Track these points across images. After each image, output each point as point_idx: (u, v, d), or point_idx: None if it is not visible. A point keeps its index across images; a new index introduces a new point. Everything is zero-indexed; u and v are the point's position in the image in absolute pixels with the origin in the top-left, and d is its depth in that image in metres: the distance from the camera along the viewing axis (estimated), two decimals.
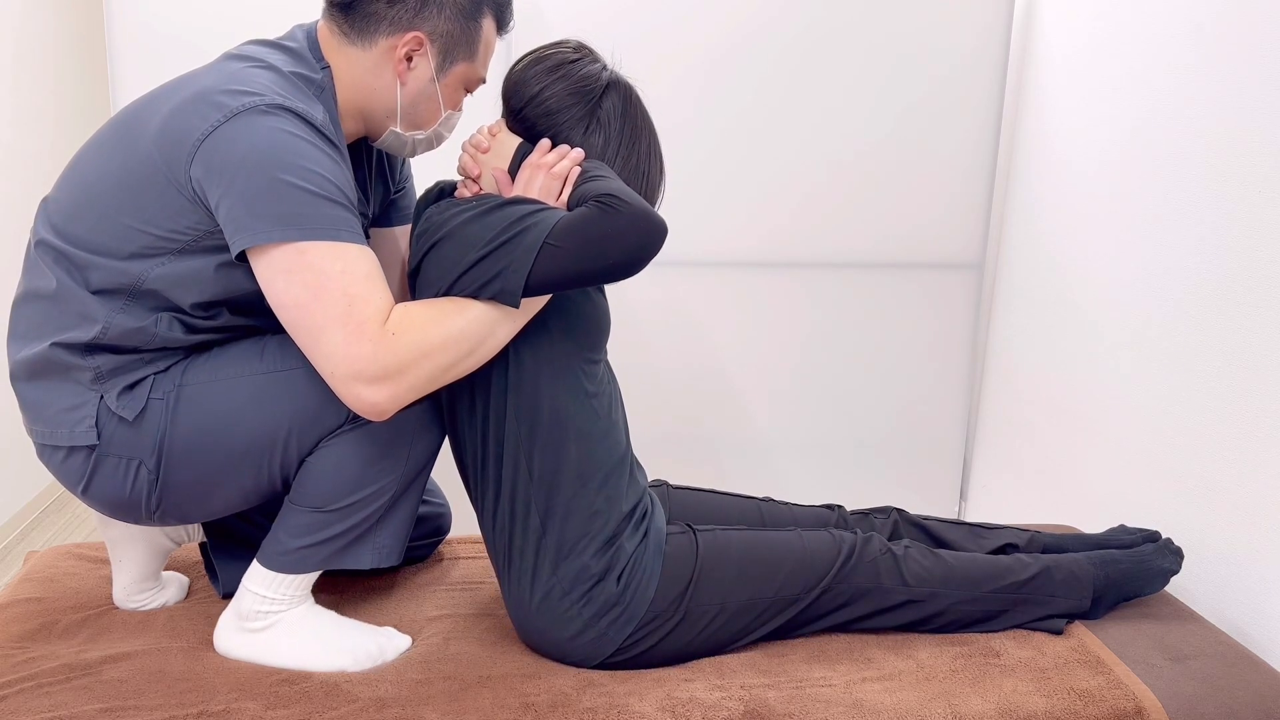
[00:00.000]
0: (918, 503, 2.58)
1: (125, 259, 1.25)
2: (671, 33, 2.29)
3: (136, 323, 1.27)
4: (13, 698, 1.25)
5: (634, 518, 1.39)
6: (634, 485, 1.41)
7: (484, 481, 1.39)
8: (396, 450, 1.33)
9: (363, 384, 1.18)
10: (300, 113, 1.22)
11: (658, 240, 1.24)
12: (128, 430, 1.28)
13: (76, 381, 1.28)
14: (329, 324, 1.18)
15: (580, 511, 1.35)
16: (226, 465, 1.30)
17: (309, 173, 1.19)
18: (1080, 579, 1.52)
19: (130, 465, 1.29)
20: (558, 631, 1.35)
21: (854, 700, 1.31)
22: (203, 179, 1.20)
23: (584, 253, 1.22)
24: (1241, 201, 1.67)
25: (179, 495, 1.32)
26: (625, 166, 1.41)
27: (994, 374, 2.52)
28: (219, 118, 1.19)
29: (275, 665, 1.35)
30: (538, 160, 1.35)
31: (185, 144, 1.20)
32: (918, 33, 2.34)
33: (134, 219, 1.24)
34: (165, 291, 1.27)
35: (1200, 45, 1.77)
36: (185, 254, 1.25)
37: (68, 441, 1.28)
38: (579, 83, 1.38)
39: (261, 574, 1.36)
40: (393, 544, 1.39)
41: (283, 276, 1.19)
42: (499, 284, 1.23)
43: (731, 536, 1.44)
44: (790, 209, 2.41)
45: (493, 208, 1.28)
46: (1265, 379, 1.61)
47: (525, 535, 1.36)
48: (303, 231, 1.18)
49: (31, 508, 3.08)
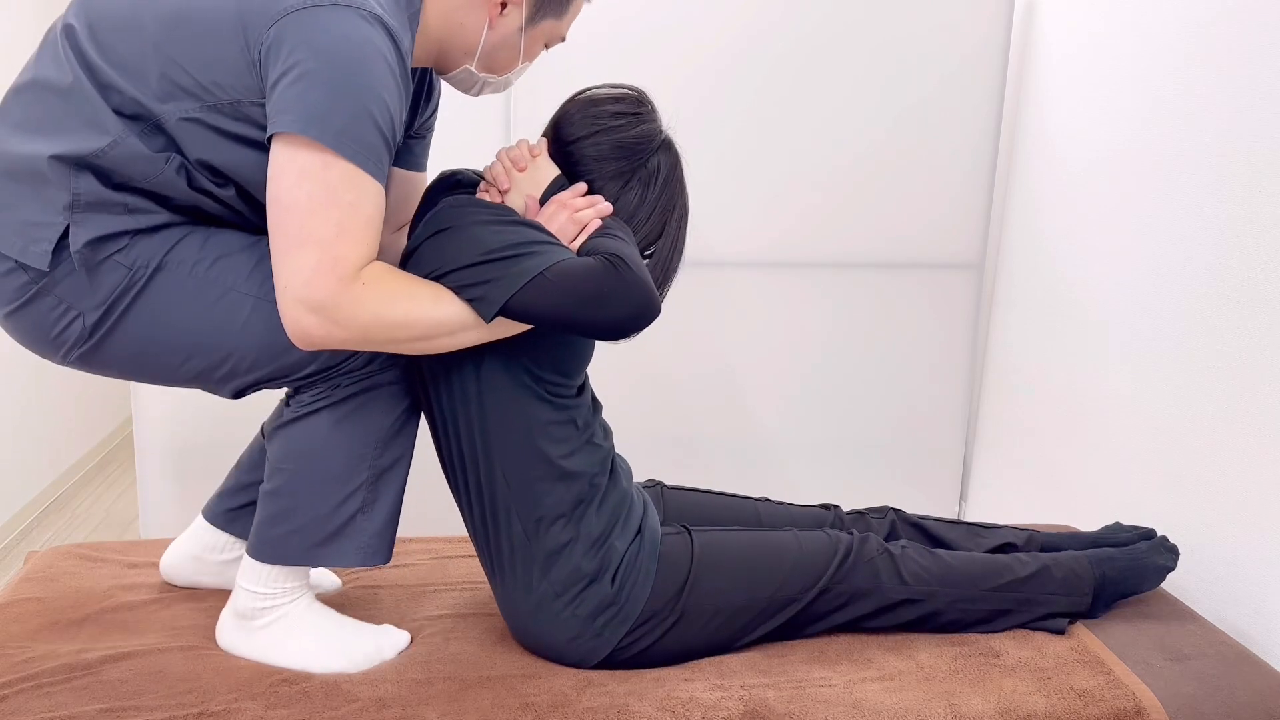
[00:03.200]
0: (918, 503, 2.57)
1: (153, 95, 1.19)
2: (672, 36, 2.29)
3: (148, 151, 1.21)
4: (13, 698, 1.24)
5: (623, 517, 1.39)
6: (618, 486, 1.41)
7: (465, 487, 1.39)
8: (366, 431, 1.32)
9: (306, 309, 1.16)
10: (392, 32, 1.18)
11: (647, 318, 1.23)
12: (80, 279, 1.22)
13: (48, 201, 1.20)
14: (309, 243, 1.15)
15: (562, 515, 1.35)
16: (167, 357, 1.27)
17: (375, 95, 1.16)
18: (1080, 577, 1.52)
19: (68, 312, 1.24)
20: (554, 635, 1.35)
21: (854, 700, 1.31)
22: (273, 49, 1.14)
23: (572, 299, 1.20)
24: (1241, 201, 1.67)
25: (104, 359, 1.28)
26: (651, 231, 1.40)
27: (994, 374, 2.52)
28: (318, 0, 1.14)
29: (275, 664, 1.35)
30: (568, 199, 1.35)
31: (272, 8, 1.15)
32: (918, 33, 2.34)
33: (181, 55, 1.17)
34: (179, 138, 1.21)
35: (1200, 45, 1.77)
36: (215, 111, 1.20)
37: (17, 255, 1.20)
38: (635, 139, 1.38)
39: (251, 568, 1.35)
40: (377, 543, 1.36)
41: (295, 175, 1.15)
42: (480, 291, 1.22)
43: (728, 537, 1.44)
44: (790, 209, 2.41)
45: (511, 222, 1.28)
46: (1265, 379, 1.61)
47: (510, 541, 1.35)
48: (340, 144, 1.14)
49: (31, 508, 3.09)
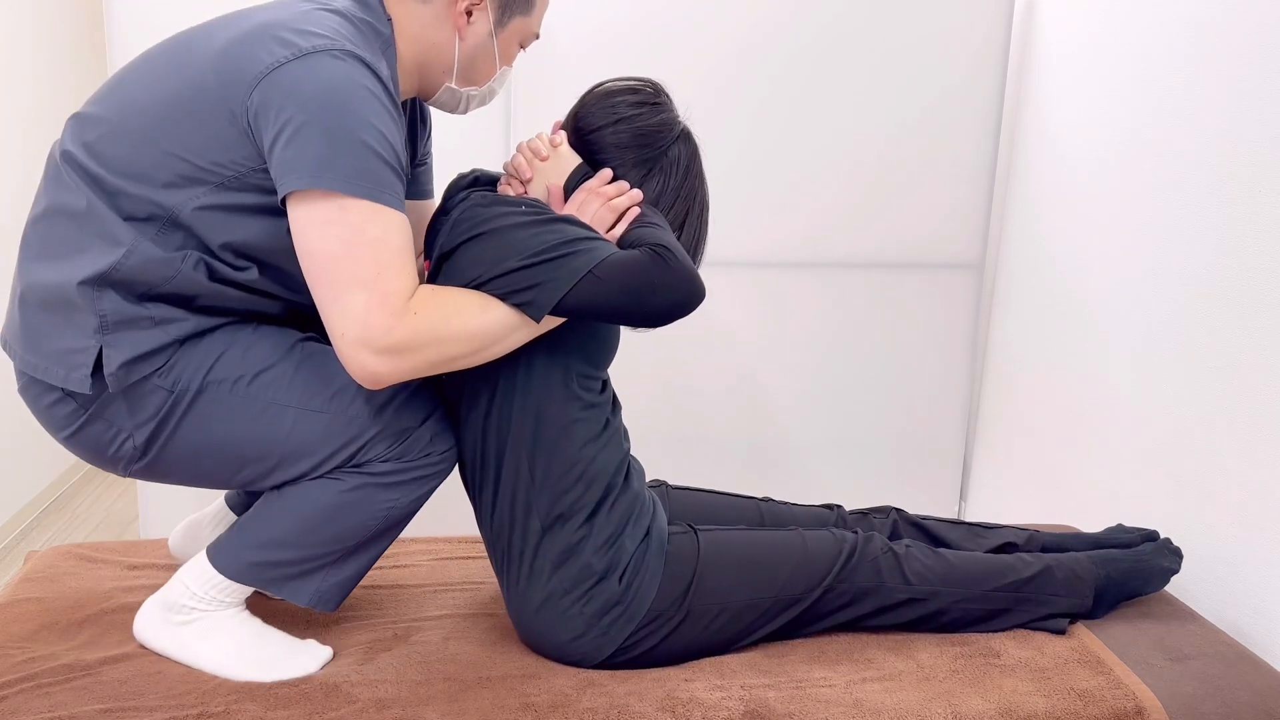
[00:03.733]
0: (918, 502, 2.57)
1: (161, 187, 1.20)
2: (673, 38, 2.29)
3: (162, 253, 1.22)
4: (13, 698, 1.24)
5: (634, 517, 1.39)
6: (631, 487, 1.41)
7: (484, 482, 1.39)
8: (381, 509, 1.32)
9: (370, 352, 1.17)
10: (369, 64, 1.19)
11: (694, 304, 1.27)
12: (121, 400, 1.25)
13: (80, 326, 1.23)
14: (354, 286, 1.16)
15: (580, 514, 1.35)
16: (219, 469, 1.30)
17: (370, 128, 1.17)
18: (1082, 578, 1.52)
19: (119, 434, 1.27)
20: (560, 633, 1.35)
21: (854, 700, 1.31)
22: (260, 112, 1.16)
23: (624, 293, 1.23)
24: (1241, 201, 1.67)
25: (160, 472, 1.31)
26: (674, 221, 1.41)
27: (994, 374, 2.52)
28: (287, 54, 1.16)
29: (184, 663, 1.33)
30: (598, 188, 1.36)
31: (248, 74, 1.16)
32: (918, 34, 2.34)
33: (177, 146, 1.19)
34: (198, 228, 1.22)
35: (1201, 45, 1.77)
36: (224, 189, 1.21)
37: (61, 383, 1.23)
38: (655, 126, 1.39)
39: (201, 567, 1.33)
40: (335, 593, 1.35)
41: (319, 226, 1.16)
42: (531, 295, 1.23)
43: (733, 536, 1.45)
44: (790, 210, 2.41)
45: (548, 220, 1.28)
46: (1265, 379, 1.61)
47: (525, 537, 1.35)
48: (350, 186, 1.15)
49: (31, 508, 3.08)
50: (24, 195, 3.02)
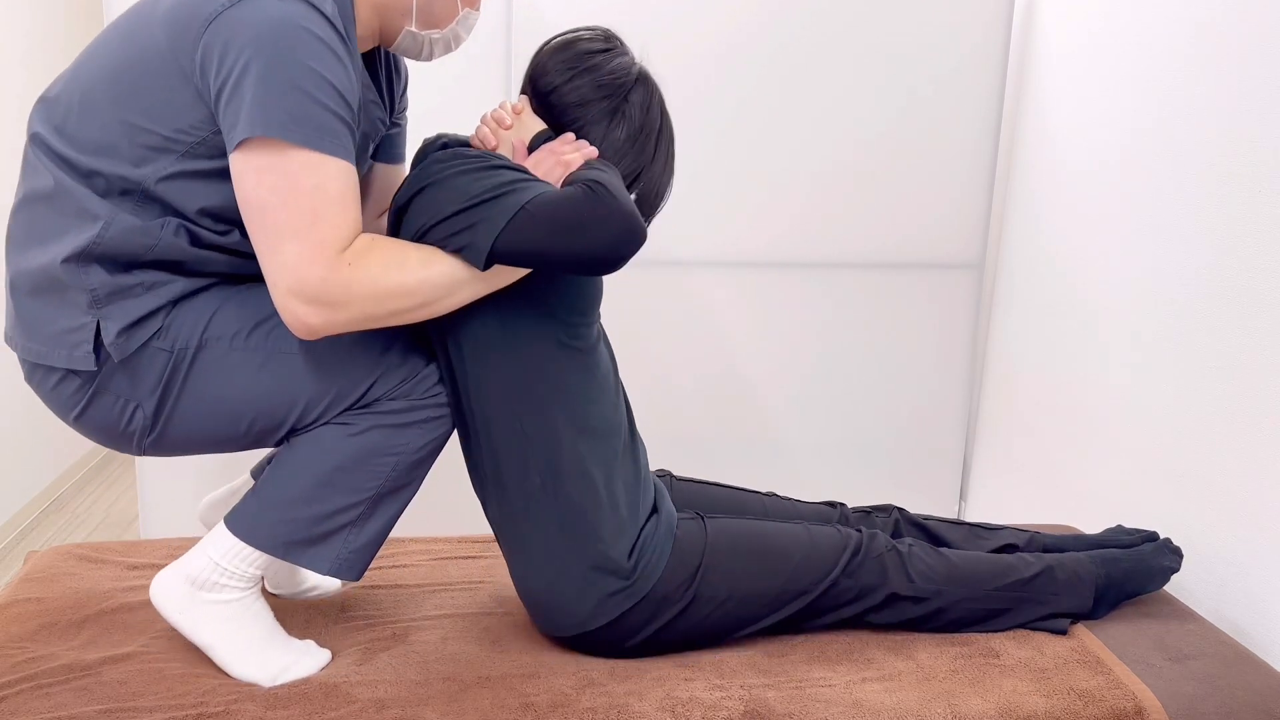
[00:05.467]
0: (918, 502, 2.58)
1: (130, 162, 1.20)
2: (670, 33, 2.29)
3: (141, 222, 1.21)
4: (12, 698, 1.24)
5: (641, 488, 1.39)
6: (635, 460, 1.41)
7: (480, 446, 1.37)
8: (393, 450, 1.32)
9: (301, 302, 1.16)
10: (315, 4, 1.16)
11: (632, 241, 1.22)
12: (127, 371, 1.25)
13: (73, 305, 1.22)
14: (288, 235, 1.14)
15: (582, 469, 1.34)
16: (229, 426, 1.28)
17: (311, 73, 1.14)
18: (1083, 578, 1.52)
19: (127, 405, 1.26)
20: (568, 602, 1.35)
21: (854, 700, 1.31)
22: (205, 64, 1.14)
23: (556, 229, 1.20)
24: (1241, 202, 1.67)
25: (172, 441, 1.30)
26: (642, 157, 1.40)
27: (994, 374, 2.52)
28: (227, 1, 1.14)
29: (199, 641, 1.32)
30: (554, 146, 1.36)
31: (194, 23, 1.14)
32: (918, 33, 2.34)
33: (139, 116, 1.18)
34: (172, 198, 1.22)
35: (1200, 45, 1.77)
36: (189, 157, 1.20)
37: (65, 364, 1.24)
38: (609, 75, 1.38)
39: (223, 538, 1.31)
40: (358, 559, 1.34)
41: (254, 174, 1.14)
42: (467, 238, 1.22)
43: (741, 525, 1.45)
44: (790, 209, 2.41)
45: (488, 166, 1.27)
46: (1265, 379, 1.61)
47: (529, 499, 1.35)
48: (286, 132, 1.13)
49: (31, 508, 3.08)
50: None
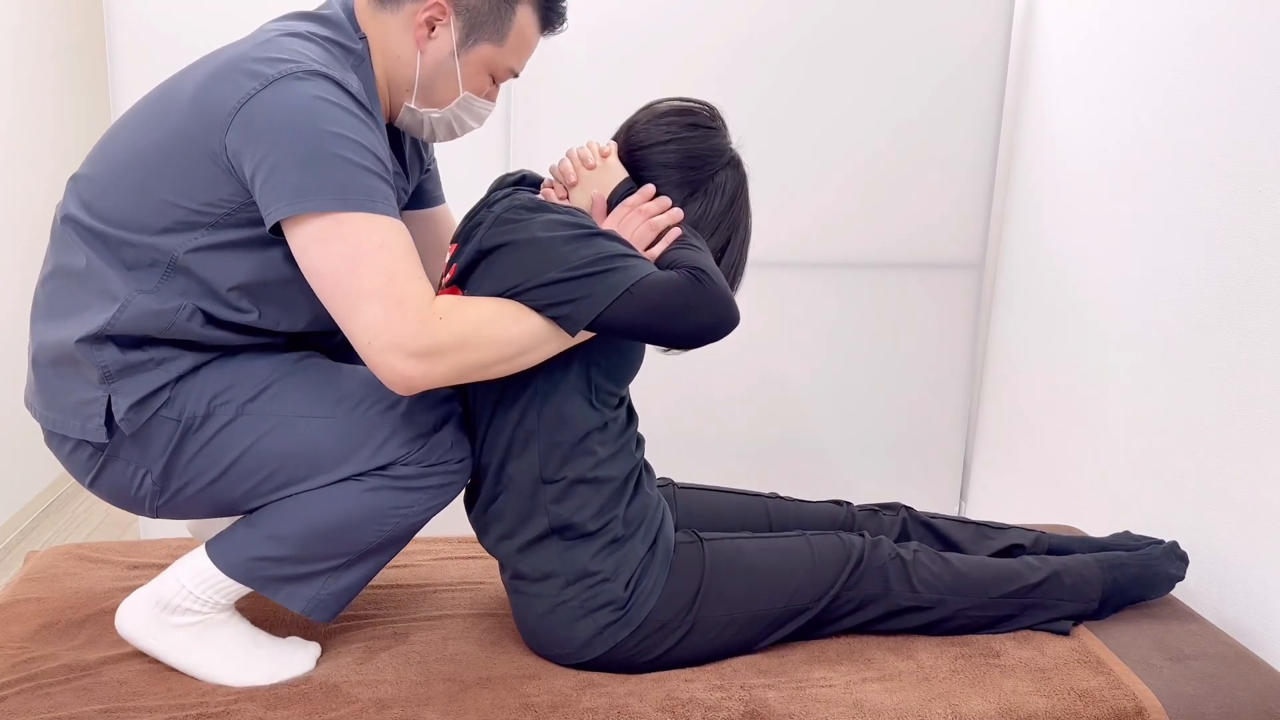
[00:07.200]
0: (918, 502, 2.56)
1: (158, 234, 1.22)
2: (672, 38, 2.29)
3: (158, 305, 1.23)
4: (13, 698, 1.24)
5: (644, 524, 1.39)
6: (641, 493, 1.41)
7: (497, 482, 1.38)
8: (393, 514, 1.31)
9: (401, 356, 1.17)
10: (337, 79, 1.20)
11: (727, 329, 1.27)
12: (134, 439, 1.27)
13: (87, 379, 1.25)
14: (368, 297, 1.16)
15: (586, 515, 1.34)
16: (231, 492, 1.29)
17: (346, 140, 1.17)
18: (1089, 582, 1.51)
19: (137, 471, 1.29)
20: (564, 633, 1.35)
21: (854, 700, 1.31)
22: (238, 148, 1.17)
23: (660, 313, 1.23)
24: (1241, 201, 1.67)
25: (183, 504, 1.31)
26: (714, 247, 1.41)
27: (994, 374, 2.52)
28: (255, 86, 1.17)
29: (176, 666, 1.31)
30: (639, 204, 1.35)
31: (220, 112, 1.17)
32: (918, 34, 2.34)
33: (168, 192, 1.21)
34: (199, 270, 1.24)
35: (1201, 45, 1.77)
36: (220, 228, 1.22)
37: (78, 435, 1.27)
38: (705, 150, 1.39)
39: (198, 564, 1.30)
40: (332, 602, 1.33)
41: (318, 246, 1.16)
42: (568, 309, 1.23)
43: (741, 546, 1.44)
44: (790, 210, 2.41)
45: (590, 234, 1.27)
46: (1265, 379, 1.60)
47: (528, 540, 1.35)
48: (338, 202, 1.15)
49: (31, 508, 3.09)
50: (24, 194, 3.02)
